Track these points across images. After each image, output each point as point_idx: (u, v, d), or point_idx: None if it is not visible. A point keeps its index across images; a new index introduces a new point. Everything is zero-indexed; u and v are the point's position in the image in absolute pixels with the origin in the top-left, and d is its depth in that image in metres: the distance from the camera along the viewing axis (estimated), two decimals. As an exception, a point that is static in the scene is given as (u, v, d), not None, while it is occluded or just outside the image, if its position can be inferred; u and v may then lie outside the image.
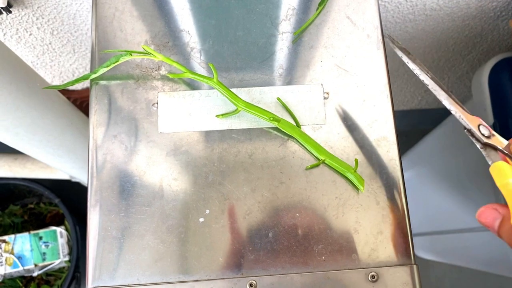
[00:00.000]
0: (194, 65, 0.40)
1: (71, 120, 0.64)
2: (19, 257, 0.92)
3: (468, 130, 0.32)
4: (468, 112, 0.32)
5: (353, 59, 0.40)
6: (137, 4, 0.41)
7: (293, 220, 0.36)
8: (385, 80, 0.39)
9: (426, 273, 1.20)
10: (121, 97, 0.39)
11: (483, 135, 0.31)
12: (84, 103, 0.88)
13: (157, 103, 0.39)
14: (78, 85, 0.86)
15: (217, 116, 0.39)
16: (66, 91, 0.87)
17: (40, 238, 0.94)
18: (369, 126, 0.38)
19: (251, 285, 0.34)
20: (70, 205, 0.96)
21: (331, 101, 0.39)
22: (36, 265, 0.93)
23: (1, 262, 0.91)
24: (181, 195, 0.37)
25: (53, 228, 0.96)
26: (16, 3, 0.58)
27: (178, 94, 0.39)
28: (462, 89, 0.95)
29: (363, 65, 0.40)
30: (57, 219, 1.01)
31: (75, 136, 0.66)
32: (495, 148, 0.31)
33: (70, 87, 0.86)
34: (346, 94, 0.39)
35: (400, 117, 1.10)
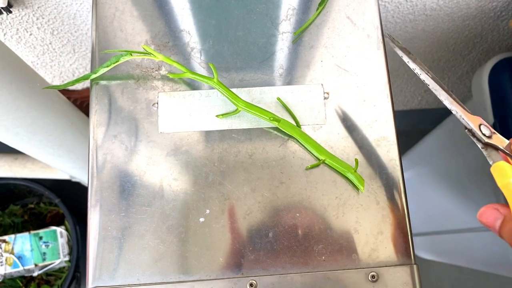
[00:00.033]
0: (194, 65, 0.40)
1: (71, 120, 0.64)
2: (19, 257, 0.92)
3: (469, 130, 0.31)
4: (469, 112, 0.32)
5: (353, 59, 0.40)
6: (137, 4, 0.42)
7: (293, 220, 0.36)
8: (385, 80, 0.39)
9: (426, 273, 1.20)
10: (122, 97, 0.39)
11: (484, 134, 0.31)
12: (84, 103, 0.88)
13: (157, 103, 0.39)
14: (79, 85, 0.86)
15: (217, 116, 0.39)
16: (67, 91, 0.87)
17: (40, 238, 0.94)
18: (369, 126, 0.38)
19: (251, 285, 0.34)
20: (70, 205, 0.96)
21: (331, 101, 0.39)
22: (36, 265, 0.93)
23: (1, 262, 0.91)
24: (181, 195, 0.37)
25: (53, 228, 0.96)
26: (17, 3, 0.58)
27: (178, 94, 0.39)
28: (462, 89, 0.95)
29: (363, 65, 0.40)
30: (57, 219, 1.01)
31: (75, 136, 0.66)
32: (496, 148, 0.31)
33: (71, 87, 0.86)
34: (346, 94, 0.39)
35: (400, 117, 1.10)
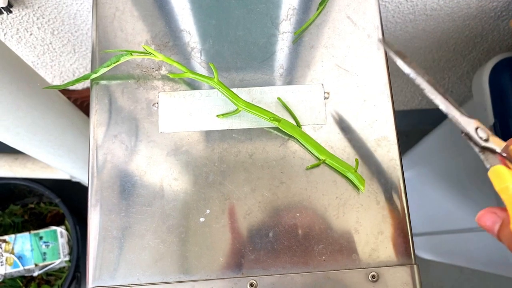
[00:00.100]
0: (195, 65, 0.40)
1: (71, 120, 0.64)
2: (20, 257, 0.92)
3: (465, 134, 0.31)
4: (465, 114, 0.31)
5: (353, 59, 0.40)
6: (138, 4, 0.42)
7: (294, 220, 0.36)
8: (386, 80, 0.39)
9: (426, 273, 1.20)
10: (122, 97, 0.39)
11: (480, 138, 0.30)
12: (84, 103, 0.88)
13: (157, 103, 0.39)
14: (79, 85, 0.86)
15: (217, 116, 0.39)
16: (67, 91, 0.87)
17: (41, 238, 0.94)
18: (370, 126, 0.38)
19: (251, 285, 0.34)
20: (70, 205, 0.96)
21: (332, 101, 0.39)
22: (36, 265, 0.93)
23: (1, 262, 0.91)
24: (182, 195, 0.37)
25: (53, 228, 0.96)
26: (17, 3, 0.58)
27: (179, 94, 0.39)
28: (463, 89, 0.95)
29: (363, 65, 0.40)
30: (57, 219, 1.01)
31: (75, 136, 0.66)
32: (493, 151, 0.30)
33: (71, 87, 0.86)
34: (346, 94, 0.39)
35: (400, 117, 1.10)
